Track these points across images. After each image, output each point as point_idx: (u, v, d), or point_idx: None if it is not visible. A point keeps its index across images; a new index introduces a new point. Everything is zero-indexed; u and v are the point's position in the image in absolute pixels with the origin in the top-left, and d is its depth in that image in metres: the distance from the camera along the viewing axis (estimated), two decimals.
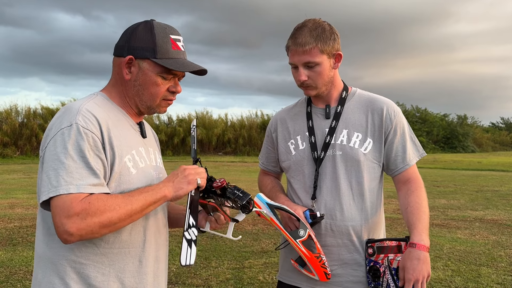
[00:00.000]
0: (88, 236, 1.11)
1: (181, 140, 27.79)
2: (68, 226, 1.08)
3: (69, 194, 1.09)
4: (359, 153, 1.66)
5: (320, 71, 1.62)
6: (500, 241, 5.56)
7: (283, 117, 1.83)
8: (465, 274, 4.27)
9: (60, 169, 1.11)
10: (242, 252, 4.94)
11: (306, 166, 1.71)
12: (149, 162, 1.35)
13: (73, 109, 1.20)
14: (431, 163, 22.71)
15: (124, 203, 1.15)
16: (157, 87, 1.30)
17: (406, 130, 1.73)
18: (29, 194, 9.28)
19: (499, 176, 14.85)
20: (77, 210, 1.08)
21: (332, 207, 1.65)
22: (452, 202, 8.82)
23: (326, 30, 1.61)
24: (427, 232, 1.57)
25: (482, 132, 49.32)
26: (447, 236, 5.85)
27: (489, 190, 10.72)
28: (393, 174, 1.73)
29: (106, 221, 1.11)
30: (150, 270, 1.32)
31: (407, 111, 42.87)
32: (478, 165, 20.30)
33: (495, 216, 7.27)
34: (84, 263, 1.20)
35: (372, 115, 1.69)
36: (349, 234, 1.65)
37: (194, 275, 4.19)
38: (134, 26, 1.31)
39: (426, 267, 1.52)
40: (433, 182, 12.86)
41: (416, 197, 1.65)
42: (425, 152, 1.80)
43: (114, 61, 1.33)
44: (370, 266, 1.63)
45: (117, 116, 1.29)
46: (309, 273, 1.60)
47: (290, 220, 1.62)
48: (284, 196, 1.77)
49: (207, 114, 30.66)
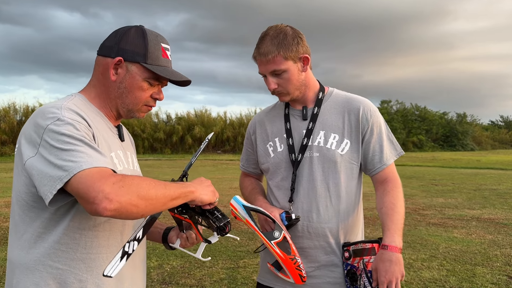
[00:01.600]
0: (127, 207, 1.03)
1: (179, 138, 27.78)
2: (107, 191, 0.99)
3: (91, 168, 1.02)
4: (336, 154, 1.66)
5: (288, 77, 1.62)
6: (496, 240, 5.55)
7: (261, 119, 1.84)
8: (460, 274, 4.25)
9: (66, 155, 1.04)
10: (237, 251, 4.93)
11: (284, 169, 1.71)
12: (127, 165, 1.33)
13: (53, 107, 1.16)
14: (429, 161, 22.70)
15: (159, 183, 1.10)
16: (142, 92, 1.29)
17: (383, 129, 1.72)
18: None
19: (498, 174, 14.84)
20: (112, 179, 1.02)
21: (308, 209, 1.65)
22: (449, 201, 8.81)
23: (288, 36, 1.60)
24: (400, 233, 1.57)
25: (481, 130, 49.32)
26: (444, 235, 5.84)
27: (487, 189, 10.70)
28: (371, 174, 1.73)
29: (144, 192, 1.06)
30: (128, 276, 1.30)
31: (406, 109, 42.83)
32: (477, 163, 20.29)
33: (492, 215, 7.26)
34: (61, 269, 1.16)
35: (348, 115, 1.69)
36: (326, 236, 1.65)
37: (188, 275, 4.17)
38: (124, 28, 1.30)
39: (398, 268, 1.52)
40: (432, 180, 12.85)
41: (391, 197, 1.64)
42: (403, 151, 1.79)
43: (99, 60, 1.30)
44: (348, 270, 1.63)
45: (96, 118, 1.27)
46: (285, 276, 1.60)
47: (266, 223, 1.62)
48: (263, 198, 1.77)
49: (206, 112, 30.66)
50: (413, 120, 41.65)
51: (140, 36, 1.28)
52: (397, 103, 43.42)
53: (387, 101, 43.21)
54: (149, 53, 1.27)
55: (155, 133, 26.90)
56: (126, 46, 1.26)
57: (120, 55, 1.26)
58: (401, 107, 43.12)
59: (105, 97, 1.31)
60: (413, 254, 4.90)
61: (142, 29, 1.30)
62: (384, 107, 42.14)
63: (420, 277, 4.13)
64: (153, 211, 1.11)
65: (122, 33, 1.29)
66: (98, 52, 1.31)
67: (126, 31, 1.29)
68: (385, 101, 43.25)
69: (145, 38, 1.28)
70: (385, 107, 42.06)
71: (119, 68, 1.27)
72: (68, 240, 1.17)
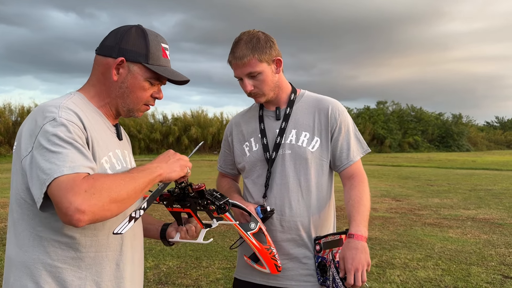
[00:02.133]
0: (100, 214, 1.05)
1: (176, 139, 27.75)
2: (78, 203, 1.01)
3: (69, 174, 1.04)
4: (306, 151, 1.74)
5: (263, 78, 1.70)
6: (491, 240, 5.58)
7: (237, 121, 1.93)
8: (455, 273, 4.28)
9: (51, 157, 1.07)
10: (233, 251, 4.93)
11: (259, 167, 1.80)
12: (125, 164, 1.34)
13: (52, 106, 1.18)
14: (425, 162, 22.78)
15: (128, 179, 1.12)
16: (143, 92, 1.32)
17: (350, 128, 1.81)
18: None
19: (493, 175, 14.92)
20: (84, 186, 1.04)
21: (281, 203, 1.73)
22: (445, 201, 8.84)
23: (261, 40, 1.69)
24: (365, 224, 1.64)
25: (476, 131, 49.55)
26: (439, 235, 5.86)
27: (482, 189, 10.76)
28: (339, 170, 1.80)
29: (115, 195, 1.08)
30: (127, 274, 1.30)
31: (402, 110, 42.98)
32: (472, 164, 20.38)
33: (487, 215, 7.30)
34: (60, 267, 1.17)
35: (318, 115, 1.78)
36: (298, 229, 1.73)
37: (184, 275, 4.18)
38: (125, 28, 1.31)
39: (365, 256, 1.57)
40: (427, 181, 12.90)
41: (358, 191, 1.72)
42: (369, 149, 1.86)
43: (99, 60, 1.31)
44: (319, 262, 1.70)
45: (94, 117, 1.28)
46: (261, 267, 1.66)
47: (242, 216, 1.68)
48: (239, 196, 1.86)
49: (202, 113, 30.63)
50: (409, 121, 41.78)
51: (141, 36, 1.30)
52: (393, 104, 43.57)
53: (383, 102, 43.35)
54: (151, 54, 1.29)
55: (151, 134, 26.86)
56: (127, 46, 1.28)
57: (122, 55, 1.27)
58: (397, 108, 43.27)
59: (105, 96, 1.32)
60: (409, 254, 4.93)
61: (142, 29, 1.31)
62: (380, 108, 42.25)
63: (415, 276, 4.16)
64: (126, 209, 1.14)
65: (123, 33, 1.30)
66: (97, 51, 1.32)
67: (126, 31, 1.30)
68: (381, 102, 43.38)
69: (146, 39, 1.30)
70: (381, 108, 42.17)
71: (121, 68, 1.28)
72: (67, 239, 1.18)
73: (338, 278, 1.61)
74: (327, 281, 1.65)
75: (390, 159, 24.74)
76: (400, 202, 8.76)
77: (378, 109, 41.61)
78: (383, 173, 15.16)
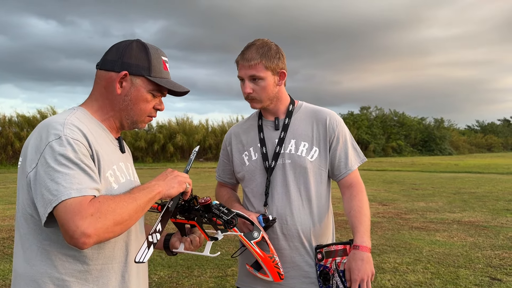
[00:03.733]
0: (104, 236, 1.10)
1: (161, 147, 27.58)
2: (84, 227, 1.05)
3: (76, 197, 1.07)
4: (306, 161, 1.78)
5: (264, 85, 1.74)
6: (477, 243, 5.68)
7: (237, 131, 1.96)
8: (444, 276, 4.35)
9: (58, 178, 1.09)
10: (224, 260, 4.93)
11: (259, 175, 1.83)
12: (129, 177, 1.35)
13: (57, 123, 1.19)
14: (409, 166, 23.08)
15: (130, 200, 1.16)
16: (147, 104, 1.35)
17: (347, 138, 1.86)
18: (5, 204, 9.05)
19: (476, 178, 15.20)
20: (91, 210, 1.07)
21: (283, 212, 1.77)
22: (430, 205, 8.98)
23: (272, 50, 1.75)
24: (368, 234, 1.70)
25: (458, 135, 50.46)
26: (426, 238, 5.95)
27: (466, 192, 10.95)
28: (337, 179, 1.84)
29: (119, 218, 1.12)
30: (132, 285, 1.31)
31: (385, 115, 43.52)
32: (455, 168, 20.74)
33: (472, 218, 7.43)
34: (67, 280, 1.18)
35: (317, 125, 1.83)
36: (300, 237, 1.76)
37: (176, 284, 4.16)
38: (126, 43, 1.34)
39: (369, 266, 1.64)
40: (412, 185, 13.07)
41: (358, 201, 1.77)
42: (365, 158, 1.92)
43: (101, 74, 1.33)
44: (321, 271, 1.73)
45: (98, 131, 1.29)
46: (264, 275, 1.68)
47: (245, 225, 1.70)
48: (239, 205, 1.88)
49: (187, 120, 30.54)
50: (392, 126, 42.35)
51: (142, 50, 1.33)
52: (376, 109, 44.12)
53: (367, 107, 43.86)
54: (152, 66, 1.32)
55: (136, 142, 26.64)
56: (130, 60, 1.31)
57: (125, 69, 1.30)
58: (380, 113, 43.84)
59: (109, 109, 1.34)
60: (398, 258, 4.99)
61: (142, 43, 1.35)
62: (363, 113, 42.73)
63: (406, 280, 4.21)
64: (127, 229, 1.18)
65: (124, 48, 1.32)
66: (99, 66, 1.34)
67: (128, 46, 1.33)
68: (364, 107, 43.89)
69: (148, 52, 1.33)
70: (365, 113, 42.66)
71: (124, 81, 1.31)
72: (74, 251, 1.19)
73: (342, 287, 1.64)
74: None
75: (375, 163, 24.99)
76: (386, 206, 8.86)
77: (362, 114, 42.09)
78: (368, 178, 15.31)
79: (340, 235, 5.96)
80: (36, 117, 24.75)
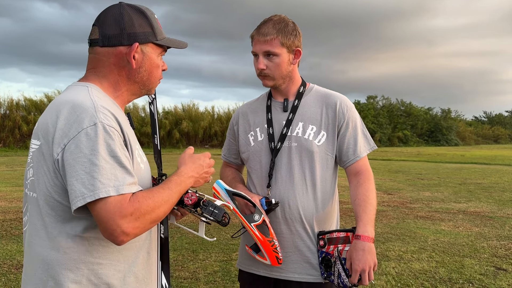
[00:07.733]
0: (141, 233, 1.13)
1: (167, 133, 27.63)
2: (124, 226, 1.07)
3: (116, 196, 1.07)
4: (313, 145, 1.74)
5: (278, 62, 1.70)
6: (482, 233, 5.67)
7: (244, 111, 1.93)
8: (449, 265, 4.35)
9: (94, 172, 1.06)
10: (229, 244, 4.96)
11: (263, 156, 1.79)
12: (145, 158, 1.33)
13: (87, 106, 1.12)
14: (415, 156, 23.00)
15: (167, 197, 1.18)
16: (159, 69, 1.32)
17: (358, 124, 1.80)
18: (12, 186, 9.13)
19: (482, 169, 15.12)
20: (130, 210, 1.08)
21: (286, 195, 1.73)
22: (436, 195, 8.96)
23: (289, 26, 1.70)
24: (372, 224, 1.64)
25: (465, 126, 50.08)
26: (432, 228, 5.95)
27: (472, 183, 10.91)
28: (345, 166, 1.79)
29: (155, 216, 1.14)
30: (154, 260, 1.32)
31: (392, 105, 43.25)
32: (461, 158, 20.62)
33: (478, 208, 7.41)
34: (102, 263, 1.16)
35: (326, 109, 1.78)
36: (302, 222, 1.73)
37: (181, 267, 4.19)
38: (116, 12, 1.24)
39: (371, 257, 1.58)
40: (418, 175, 13.04)
41: (364, 189, 1.71)
42: (376, 146, 1.87)
43: (106, 51, 1.24)
44: (322, 257, 1.70)
45: (117, 110, 1.23)
46: (262, 258, 1.66)
47: (247, 207, 1.68)
48: (243, 186, 1.86)
49: (193, 107, 30.52)
50: (399, 116, 42.10)
51: (140, 16, 1.26)
52: (383, 99, 43.84)
53: (374, 97, 43.59)
54: (155, 30, 1.28)
55: (142, 128, 26.67)
56: (134, 30, 1.24)
57: (135, 41, 1.24)
58: (387, 102, 43.57)
59: (122, 85, 1.28)
60: (403, 246, 4.99)
61: (135, 7, 1.27)
62: (370, 102, 42.49)
63: (410, 268, 4.22)
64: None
65: (120, 18, 1.24)
66: (102, 43, 1.24)
67: (122, 14, 1.24)
68: (371, 96, 43.63)
69: (146, 15, 1.27)
70: (372, 103, 42.42)
71: (135, 53, 1.25)
72: None
73: (344, 275, 1.61)
74: (332, 276, 1.65)
75: (380, 153, 24.91)
76: (391, 195, 8.85)
77: (368, 104, 41.86)
78: (373, 167, 15.04)
79: (345, 222, 5.97)
80: (44, 101, 24.82)
